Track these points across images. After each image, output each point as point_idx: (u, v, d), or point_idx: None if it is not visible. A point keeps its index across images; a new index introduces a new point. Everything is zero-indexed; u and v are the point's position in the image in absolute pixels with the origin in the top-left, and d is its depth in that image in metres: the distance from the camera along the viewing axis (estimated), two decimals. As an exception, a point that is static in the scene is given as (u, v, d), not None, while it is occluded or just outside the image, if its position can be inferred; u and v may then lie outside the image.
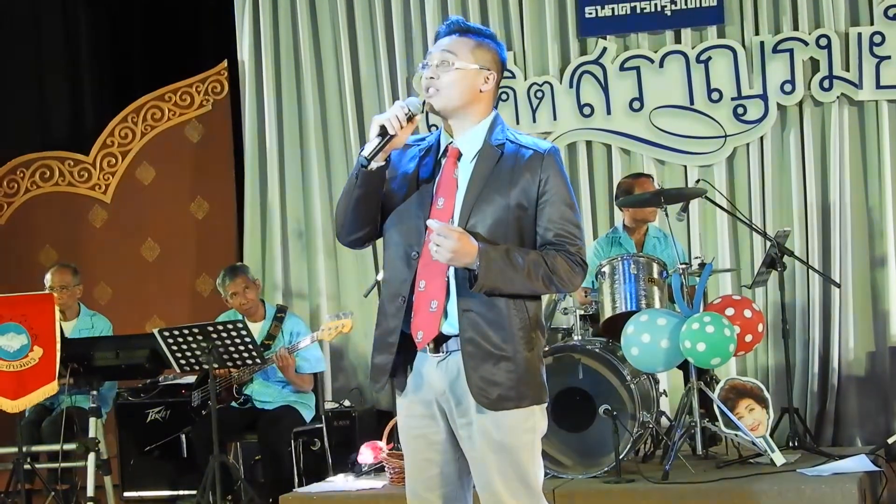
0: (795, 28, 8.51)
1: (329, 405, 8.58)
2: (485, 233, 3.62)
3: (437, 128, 3.82)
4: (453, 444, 3.73)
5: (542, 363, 3.75)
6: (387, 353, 3.71)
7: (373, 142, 3.60)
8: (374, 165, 3.60)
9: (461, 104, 3.73)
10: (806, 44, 8.45)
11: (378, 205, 3.72)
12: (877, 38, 8.35)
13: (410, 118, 3.67)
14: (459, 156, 3.73)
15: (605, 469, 6.64)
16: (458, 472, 3.77)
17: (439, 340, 3.64)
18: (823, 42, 8.42)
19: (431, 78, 3.68)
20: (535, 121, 8.85)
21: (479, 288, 3.56)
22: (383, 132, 3.59)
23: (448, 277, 3.65)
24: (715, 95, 8.61)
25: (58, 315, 7.52)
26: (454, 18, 3.84)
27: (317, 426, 8.03)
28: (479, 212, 3.67)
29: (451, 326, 3.64)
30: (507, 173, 3.70)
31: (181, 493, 8.48)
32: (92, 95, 10.51)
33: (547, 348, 6.80)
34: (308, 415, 7.99)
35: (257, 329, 7.96)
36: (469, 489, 3.82)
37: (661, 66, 8.71)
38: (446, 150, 3.76)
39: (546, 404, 3.77)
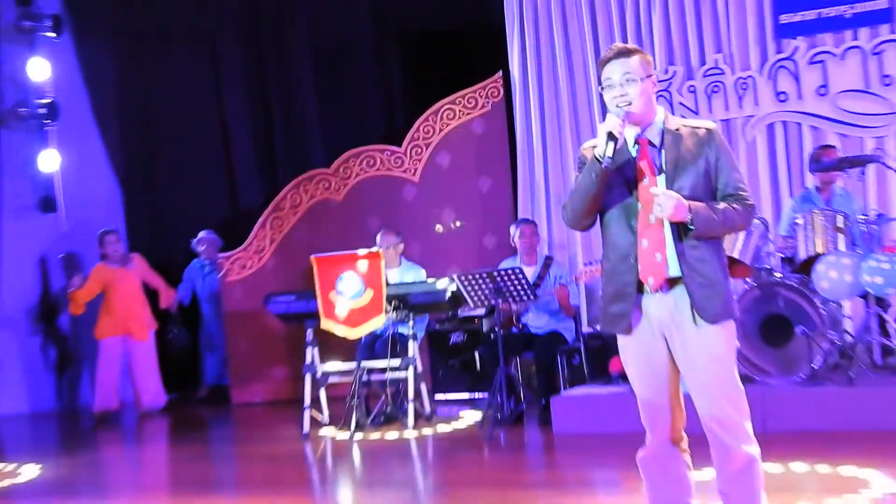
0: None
1: (585, 329, 8.55)
2: (686, 194, 3.65)
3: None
4: (670, 359, 3.75)
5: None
6: (625, 302, 3.73)
7: (608, 145, 3.60)
8: (610, 164, 3.62)
9: (647, 107, 3.75)
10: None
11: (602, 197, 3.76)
12: None
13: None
14: (650, 143, 3.75)
15: (802, 376, 6.64)
16: (672, 379, 3.80)
17: (664, 282, 3.68)
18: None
19: (623, 95, 3.69)
20: (741, 107, 8.83)
21: (697, 234, 3.61)
22: (612, 137, 3.61)
23: (664, 234, 3.68)
24: (887, 80, 8.44)
25: (383, 265, 7.66)
26: (618, 46, 3.81)
27: (577, 346, 7.99)
28: (678, 180, 3.71)
29: (672, 269, 3.67)
30: (690, 149, 3.73)
31: (476, 395, 8.72)
32: (402, 102, 10.85)
33: (756, 283, 7.00)
34: (570, 337, 8.10)
35: (530, 272, 8.07)
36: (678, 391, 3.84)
37: (842, 58, 8.58)
38: (636, 142, 3.74)
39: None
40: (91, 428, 9.40)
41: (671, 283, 3.70)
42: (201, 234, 10.60)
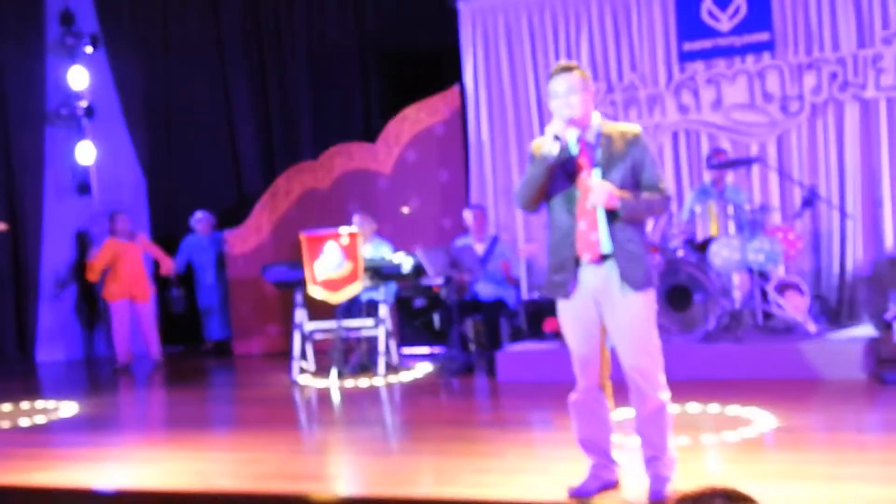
0: (821, 51, 8.27)
1: (525, 297, 8.53)
2: (617, 186, 3.67)
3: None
4: (600, 320, 3.76)
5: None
6: (565, 273, 3.75)
7: (553, 144, 3.65)
8: (555, 160, 3.67)
9: (585, 113, 3.75)
10: (829, 61, 8.23)
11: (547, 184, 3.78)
12: (877, 57, 8.06)
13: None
14: (587, 143, 3.75)
15: (700, 335, 6.69)
16: (600, 336, 3.80)
17: (598, 257, 3.72)
18: (841, 60, 8.18)
19: (567, 104, 3.69)
20: (651, 116, 8.75)
21: (624, 218, 3.65)
22: (556, 138, 3.65)
23: (598, 218, 3.70)
24: (768, 97, 8.43)
25: (360, 242, 7.65)
26: (563, 63, 3.80)
27: (517, 310, 8.00)
28: (610, 174, 3.71)
29: (605, 247, 3.70)
30: (620, 148, 3.73)
31: (435, 350, 8.65)
32: (378, 106, 10.69)
33: (662, 259, 7.02)
34: (512, 302, 8.10)
35: (480, 248, 8.07)
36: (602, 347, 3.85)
37: (732, 79, 8.54)
38: (577, 141, 3.74)
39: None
40: (113, 374, 9.27)
41: (603, 257, 3.74)
42: (198, 213, 10.42)
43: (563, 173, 3.77)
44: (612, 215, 3.70)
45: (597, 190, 3.65)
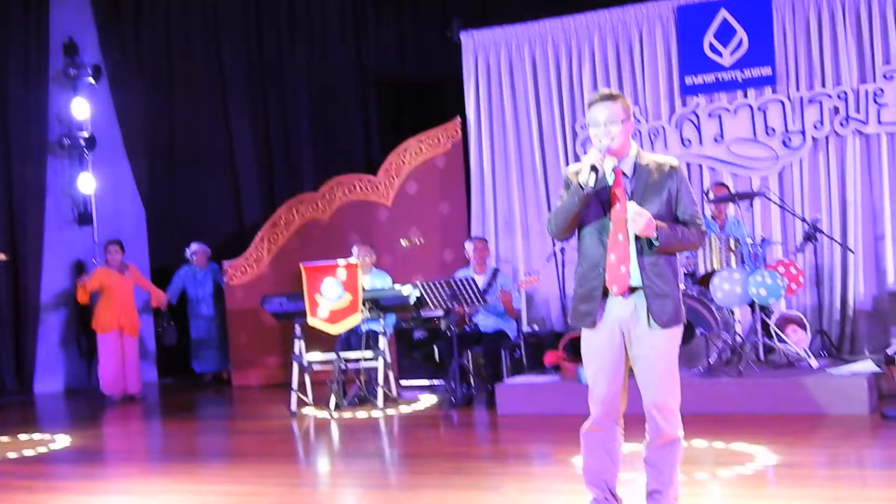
0: (823, 86, 8.35)
1: (525, 328, 8.31)
2: (655, 216, 3.62)
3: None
4: (625, 352, 3.71)
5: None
6: (592, 303, 3.70)
7: (590, 175, 3.58)
8: (591, 190, 3.61)
9: (624, 143, 3.70)
10: (830, 96, 8.29)
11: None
12: (878, 92, 8.16)
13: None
14: (623, 174, 3.72)
15: (700, 369, 6.69)
16: (623, 368, 3.74)
17: (626, 290, 3.66)
18: (842, 95, 8.26)
19: (606, 133, 3.64)
20: (653, 150, 8.71)
21: (660, 248, 3.59)
22: (594, 168, 3.59)
23: (629, 251, 3.64)
24: (770, 131, 8.47)
25: (360, 273, 7.61)
26: (604, 91, 3.75)
27: (518, 342, 7.95)
28: (645, 205, 3.64)
29: (634, 280, 3.65)
30: (656, 181, 3.69)
31: (434, 382, 8.59)
32: (378, 138, 10.74)
33: None
34: (512, 335, 8.04)
35: (481, 280, 8.03)
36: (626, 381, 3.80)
37: (734, 113, 8.61)
38: (612, 171, 3.69)
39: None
40: (109, 406, 9.19)
41: (632, 290, 3.69)
42: (194, 245, 10.43)
43: (596, 203, 3.70)
44: (644, 248, 3.65)
45: (636, 217, 3.58)
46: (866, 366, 6.57)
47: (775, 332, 6.91)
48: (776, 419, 6.07)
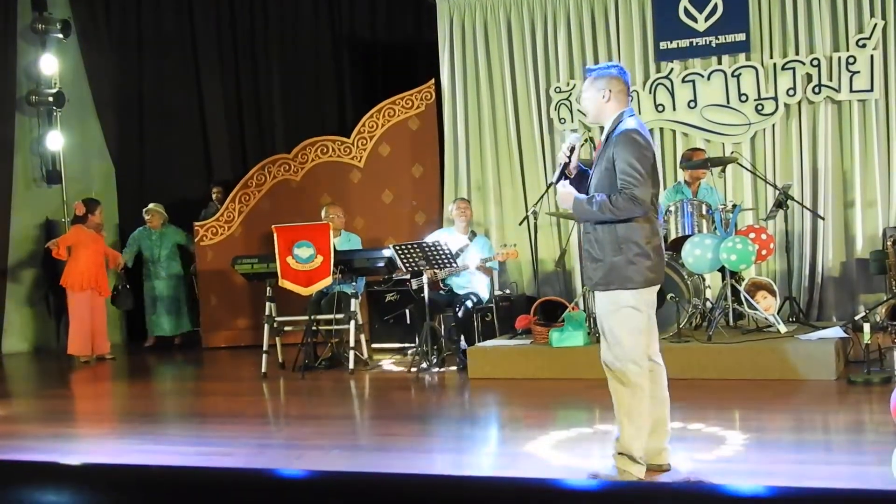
0: (796, 53, 8.38)
1: (497, 293, 8.49)
2: (593, 189, 3.82)
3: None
4: None
5: (634, 264, 3.77)
6: None
7: (558, 170, 3.94)
8: (552, 182, 3.99)
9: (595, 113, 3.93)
10: (803, 63, 8.33)
11: None
12: (851, 60, 8.21)
13: (572, 150, 3.89)
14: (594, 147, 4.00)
15: (671, 334, 6.68)
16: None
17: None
18: (815, 62, 8.31)
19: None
20: None
21: (576, 219, 3.94)
22: (563, 162, 3.90)
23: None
24: (743, 97, 8.49)
25: (332, 235, 7.61)
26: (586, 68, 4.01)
27: (489, 305, 7.98)
28: (593, 177, 3.88)
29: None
30: (605, 150, 3.82)
31: (406, 345, 8.58)
32: (352, 100, 10.65)
33: None
34: (485, 298, 8.00)
35: (463, 239, 7.97)
36: None
37: (708, 79, 8.61)
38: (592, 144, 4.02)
39: (637, 289, 3.79)
40: (77, 367, 9.03)
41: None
42: (151, 205, 10.20)
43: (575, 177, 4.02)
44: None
45: (559, 195, 3.87)
46: (834, 332, 6.61)
47: (745, 297, 6.92)
48: (744, 384, 6.10)
